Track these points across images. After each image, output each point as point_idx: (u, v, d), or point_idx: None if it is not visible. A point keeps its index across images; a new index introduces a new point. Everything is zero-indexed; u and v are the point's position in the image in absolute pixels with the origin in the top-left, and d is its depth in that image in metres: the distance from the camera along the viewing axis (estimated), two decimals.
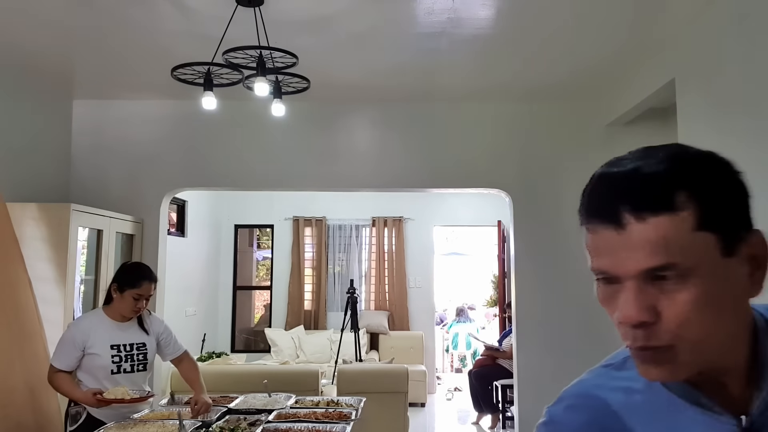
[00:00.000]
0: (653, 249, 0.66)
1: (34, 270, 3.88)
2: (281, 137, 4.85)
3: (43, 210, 3.99)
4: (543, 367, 4.63)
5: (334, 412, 2.97)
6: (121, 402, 2.71)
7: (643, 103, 4.01)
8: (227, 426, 2.77)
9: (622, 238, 0.67)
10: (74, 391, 2.77)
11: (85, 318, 2.99)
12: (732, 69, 2.83)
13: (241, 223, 8.24)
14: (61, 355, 2.80)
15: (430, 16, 3.28)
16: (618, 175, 0.70)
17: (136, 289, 2.84)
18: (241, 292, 8.29)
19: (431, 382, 7.87)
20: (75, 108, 4.88)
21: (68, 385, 2.79)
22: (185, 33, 3.47)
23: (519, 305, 4.75)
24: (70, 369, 2.81)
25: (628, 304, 0.67)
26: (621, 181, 0.69)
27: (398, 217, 8.20)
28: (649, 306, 0.67)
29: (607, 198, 0.69)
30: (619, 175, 0.70)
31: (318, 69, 3.84)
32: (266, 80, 2.92)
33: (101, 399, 2.68)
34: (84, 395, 2.73)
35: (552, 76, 4.28)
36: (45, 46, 3.73)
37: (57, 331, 3.48)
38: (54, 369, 2.80)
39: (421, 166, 4.85)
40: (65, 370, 2.80)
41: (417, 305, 8.18)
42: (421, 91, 4.61)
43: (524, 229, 4.77)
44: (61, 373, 2.79)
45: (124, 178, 4.82)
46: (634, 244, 0.66)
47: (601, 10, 3.22)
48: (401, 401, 4.78)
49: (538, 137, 4.82)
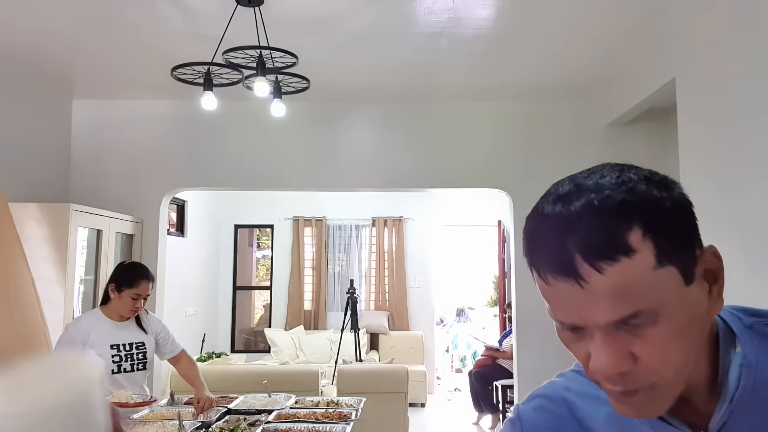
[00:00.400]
0: (619, 299, 0.61)
1: (34, 270, 3.86)
2: (281, 137, 4.84)
3: (42, 210, 3.99)
4: (543, 367, 4.60)
5: (334, 412, 2.97)
6: (125, 406, 2.71)
7: (643, 103, 4.01)
8: (227, 426, 2.77)
9: (584, 291, 0.62)
10: None
11: (84, 318, 2.98)
12: (732, 69, 2.82)
13: (241, 223, 8.23)
14: None
15: (430, 16, 3.28)
16: (564, 221, 0.63)
17: (134, 289, 2.84)
18: (240, 292, 8.29)
19: (431, 382, 7.86)
20: (75, 108, 4.88)
21: None
22: (185, 33, 3.47)
23: (519, 305, 4.75)
24: None
25: (602, 355, 0.63)
26: (569, 228, 0.62)
27: (398, 217, 8.19)
28: (625, 353, 0.63)
29: (558, 249, 0.63)
30: (566, 220, 0.63)
31: (318, 69, 3.84)
32: (266, 80, 2.92)
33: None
34: None
35: (552, 76, 4.28)
36: (45, 46, 3.73)
37: (56, 331, 3.47)
38: None
39: (421, 166, 4.85)
40: None
41: (417, 305, 8.17)
42: (421, 91, 4.61)
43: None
44: None
45: (123, 178, 4.81)
46: (597, 297, 0.61)
47: (602, 10, 3.22)
48: (401, 401, 4.77)
49: (538, 137, 4.82)
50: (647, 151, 4.71)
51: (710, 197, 3.05)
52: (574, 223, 0.63)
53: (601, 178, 0.67)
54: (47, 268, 3.88)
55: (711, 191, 3.05)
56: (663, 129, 4.66)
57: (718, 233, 2.97)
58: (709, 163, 3.07)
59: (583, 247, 0.62)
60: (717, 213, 2.98)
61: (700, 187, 3.17)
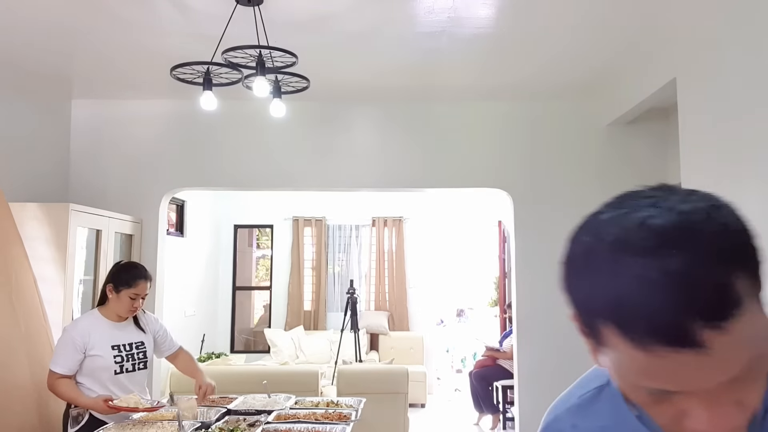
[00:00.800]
0: (738, 354, 0.55)
1: (34, 270, 3.87)
2: (281, 137, 4.84)
3: (42, 210, 3.98)
4: (543, 368, 4.62)
5: (333, 412, 2.96)
6: (135, 410, 2.70)
7: (643, 103, 4.00)
8: (227, 427, 2.76)
9: (702, 358, 0.54)
10: (80, 398, 2.72)
11: (83, 319, 2.97)
12: (733, 68, 2.82)
13: (241, 223, 8.23)
14: (62, 359, 2.75)
15: (430, 16, 3.27)
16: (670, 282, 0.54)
17: (133, 289, 2.83)
18: (240, 293, 8.28)
19: (431, 382, 7.85)
20: (74, 108, 4.87)
21: (73, 392, 2.73)
22: (185, 32, 3.46)
23: (519, 306, 4.74)
24: (71, 373, 2.76)
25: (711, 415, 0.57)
26: (678, 287, 0.53)
27: (398, 217, 8.19)
28: (732, 403, 0.57)
29: (664, 315, 0.54)
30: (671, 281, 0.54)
31: (318, 69, 3.83)
32: (266, 80, 2.91)
33: (113, 406, 2.65)
34: (94, 402, 2.68)
35: (552, 76, 4.27)
36: (44, 46, 3.72)
37: (56, 331, 3.47)
38: (56, 375, 2.73)
39: (421, 166, 4.84)
40: (67, 375, 2.74)
41: (417, 305, 8.17)
42: (421, 91, 4.60)
43: (524, 229, 4.76)
44: (64, 379, 2.73)
45: (123, 178, 4.81)
46: (715, 359, 0.54)
47: (602, 10, 3.21)
48: (401, 402, 4.77)
49: (538, 137, 4.81)
50: (648, 151, 4.70)
51: None
52: (685, 280, 0.54)
53: (691, 215, 0.58)
54: (47, 268, 3.88)
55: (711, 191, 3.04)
56: (664, 129, 4.66)
57: None
58: (709, 162, 3.06)
59: (701, 309, 0.53)
60: None
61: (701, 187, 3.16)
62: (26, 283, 3.55)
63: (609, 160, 4.69)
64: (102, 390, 2.75)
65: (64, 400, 2.80)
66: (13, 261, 3.48)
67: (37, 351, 3.48)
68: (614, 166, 4.68)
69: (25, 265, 3.58)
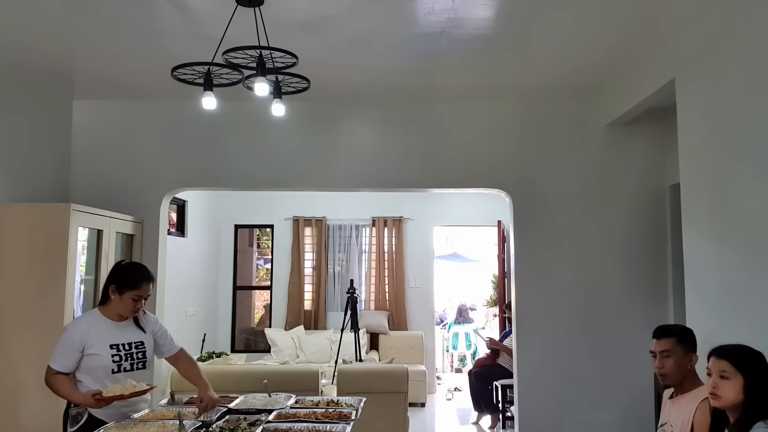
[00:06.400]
0: None
1: (35, 270, 3.88)
2: (281, 137, 4.85)
3: (43, 210, 3.99)
4: (543, 367, 4.63)
5: (334, 412, 2.97)
6: (121, 398, 2.70)
7: (643, 103, 4.01)
8: (227, 426, 2.77)
9: None
10: (73, 394, 2.75)
11: (83, 319, 2.97)
12: (732, 69, 2.82)
13: (241, 223, 8.24)
14: (60, 357, 2.77)
15: (430, 16, 3.28)
16: None
17: (136, 291, 2.83)
18: (241, 292, 8.29)
19: (431, 382, 7.87)
20: (75, 108, 4.88)
21: (67, 388, 2.76)
22: (185, 33, 3.47)
23: (519, 305, 4.75)
24: (68, 371, 2.78)
25: None
26: None
27: (398, 217, 8.20)
28: None
29: None
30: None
31: (318, 69, 3.84)
32: (266, 80, 2.92)
33: (100, 398, 2.67)
34: (84, 397, 2.70)
35: (552, 76, 4.28)
36: (45, 46, 3.73)
37: (57, 331, 3.47)
38: (52, 371, 2.76)
39: (421, 166, 4.85)
40: (63, 372, 2.77)
41: (417, 305, 8.18)
42: (421, 91, 4.61)
43: (524, 229, 4.77)
44: (60, 375, 2.75)
45: (124, 178, 4.82)
46: None
47: (601, 10, 3.22)
48: (401, 401, 4.78)
49: (538, 137, 4.82)
50: (647, 151, 4.71)
51: (709, 197, 3.06)
52: None
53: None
54: (47, 268, 3.89)
55: (710, 191, 3.05)
56: (663, 129, 4.67)
57: (717, 233, 2.97)
58: (708, 163, 3.07)
59: None
60: (716, 213, 2.98)
61: (700, 187, 3.17)
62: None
63: (608, 161, 4.70)
64: (101, 388, 2.76)
65: (59, 395, 2.82)
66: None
67: (45, 350, 3.49)
68: (613, 166, 4.69)
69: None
